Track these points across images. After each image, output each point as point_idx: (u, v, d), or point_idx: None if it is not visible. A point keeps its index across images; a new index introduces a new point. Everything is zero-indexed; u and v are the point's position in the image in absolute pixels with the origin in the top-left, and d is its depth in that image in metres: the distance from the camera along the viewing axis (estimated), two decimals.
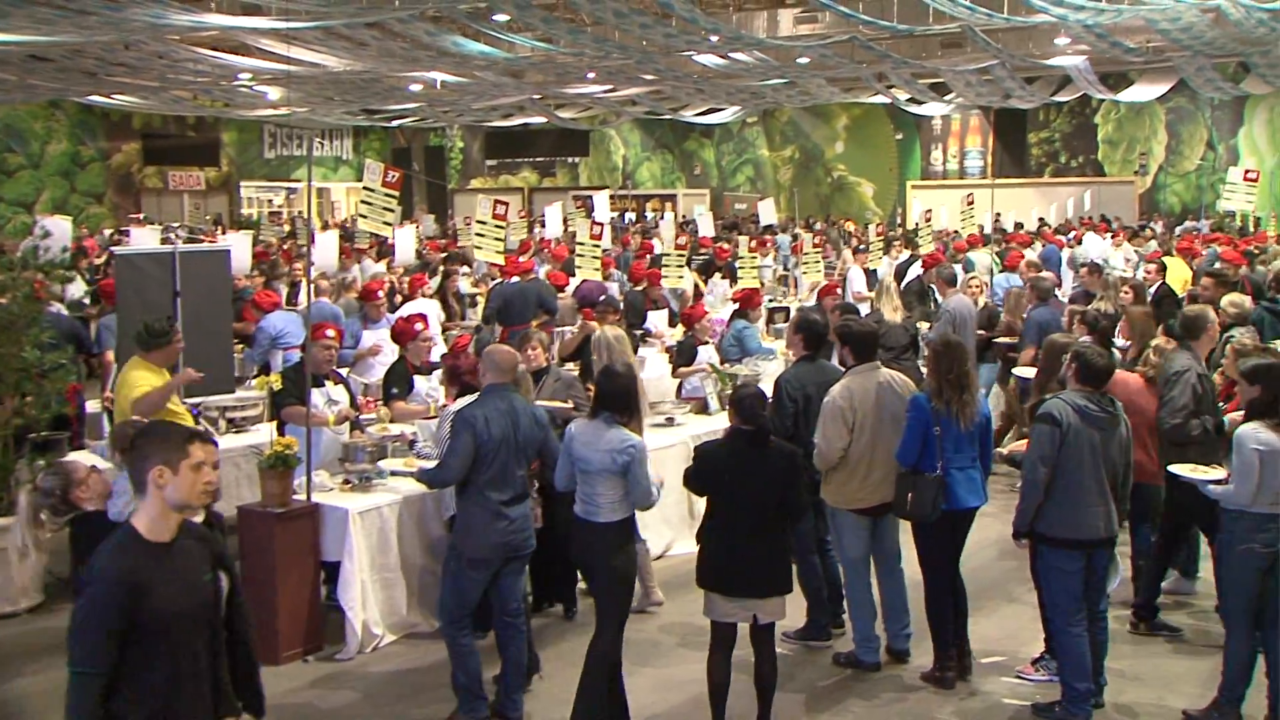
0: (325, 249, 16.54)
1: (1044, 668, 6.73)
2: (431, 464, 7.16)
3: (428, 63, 21.06)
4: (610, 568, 6.09)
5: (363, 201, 10.49)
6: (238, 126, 35.83)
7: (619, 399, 6.16)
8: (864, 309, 15.34)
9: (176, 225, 27.69)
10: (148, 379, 7.49)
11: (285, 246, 21.32)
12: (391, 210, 10.46)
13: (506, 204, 14.12)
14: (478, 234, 14.06)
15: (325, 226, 27.68)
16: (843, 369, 7.30)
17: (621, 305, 12.67)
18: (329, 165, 39.30)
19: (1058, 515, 6.23)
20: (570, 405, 7.70)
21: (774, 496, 6.01)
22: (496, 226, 13.69)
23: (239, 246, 14.74)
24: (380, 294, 11.22)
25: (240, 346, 11.05)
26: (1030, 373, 9.86)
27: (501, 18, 18.49)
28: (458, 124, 38.67)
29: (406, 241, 17.83)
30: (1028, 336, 10.82)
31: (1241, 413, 6.55)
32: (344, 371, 9.34)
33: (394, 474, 7.69)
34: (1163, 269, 13.70)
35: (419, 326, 9.12)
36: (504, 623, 6.48)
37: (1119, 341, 9.51)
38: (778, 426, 6.87)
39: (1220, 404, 7.76)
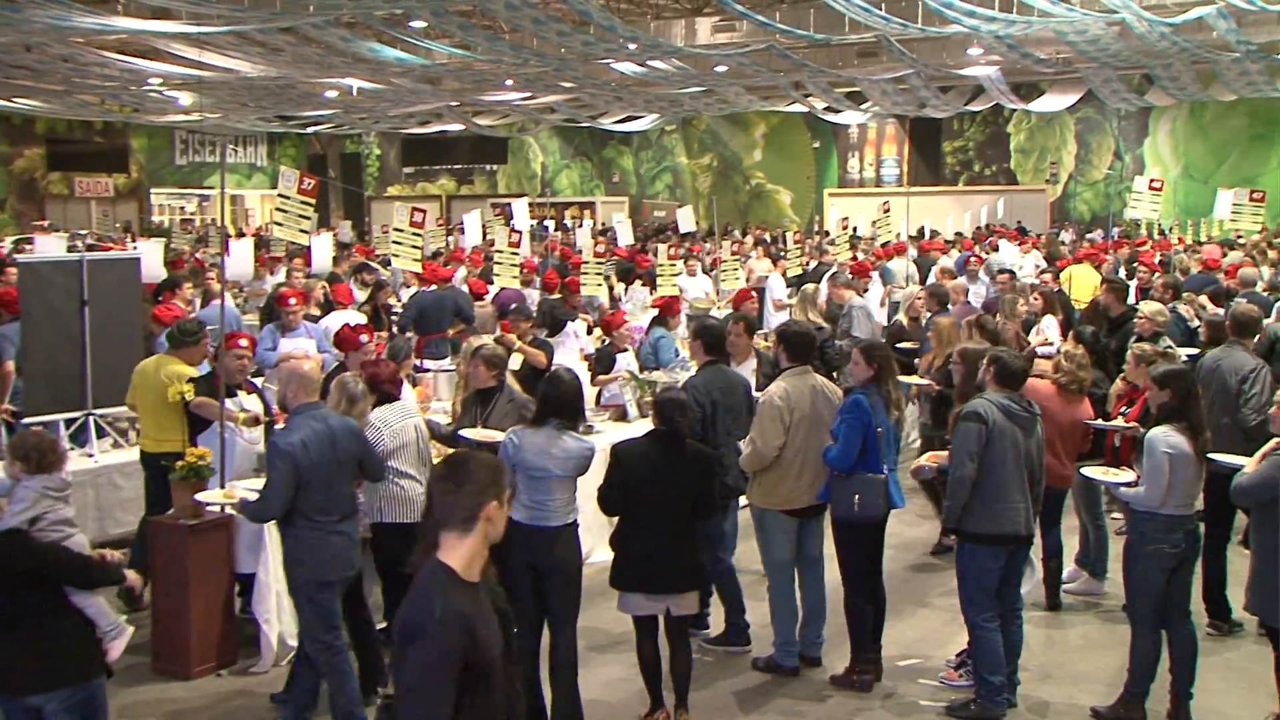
0: (240, 257, 16.27)
1: (968, 674, 6.78)
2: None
3: (344, 69, 20.87)
4: (566, 571, 6.20)
5: (278, 209, 10.37)
6: (147, 132, 35.08)
7: (566, 405, 6.24)
8: (784, 316, 15.50)
9: (84, 233, 27.05)
10: (188, 370, 8.09)
11: (198, 254, 20.93)
12: (307, 218, 10.34)
13: (424, 211, 14.02)
14: (395, 242, 13.93)
15: (240, 234, 27.25)
16: (742, 373, 7.44)
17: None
18: (243, 172, 38.70)
19: (983, 512, 6.33)
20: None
21: (690, 496, 6.17)
22: (414, 234, 13.59)
23: (150, 254, 14.44)
24: (293, 301, 10.98)
25: None
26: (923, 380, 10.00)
27: (418, 24, 18.38)
28: (375, 131, 38.30)
29: (323, 249, 17.60)
30: (927, 344, 10.94)
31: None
32: (258, 381, 9.18)
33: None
34: (1057, 275, 13.98)
35: (364, 337, 8.98)
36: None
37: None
38: (686, 431, 6.89)
39: (1123, 410, 7.94)
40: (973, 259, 16.76)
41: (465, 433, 7.32)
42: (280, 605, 7.19)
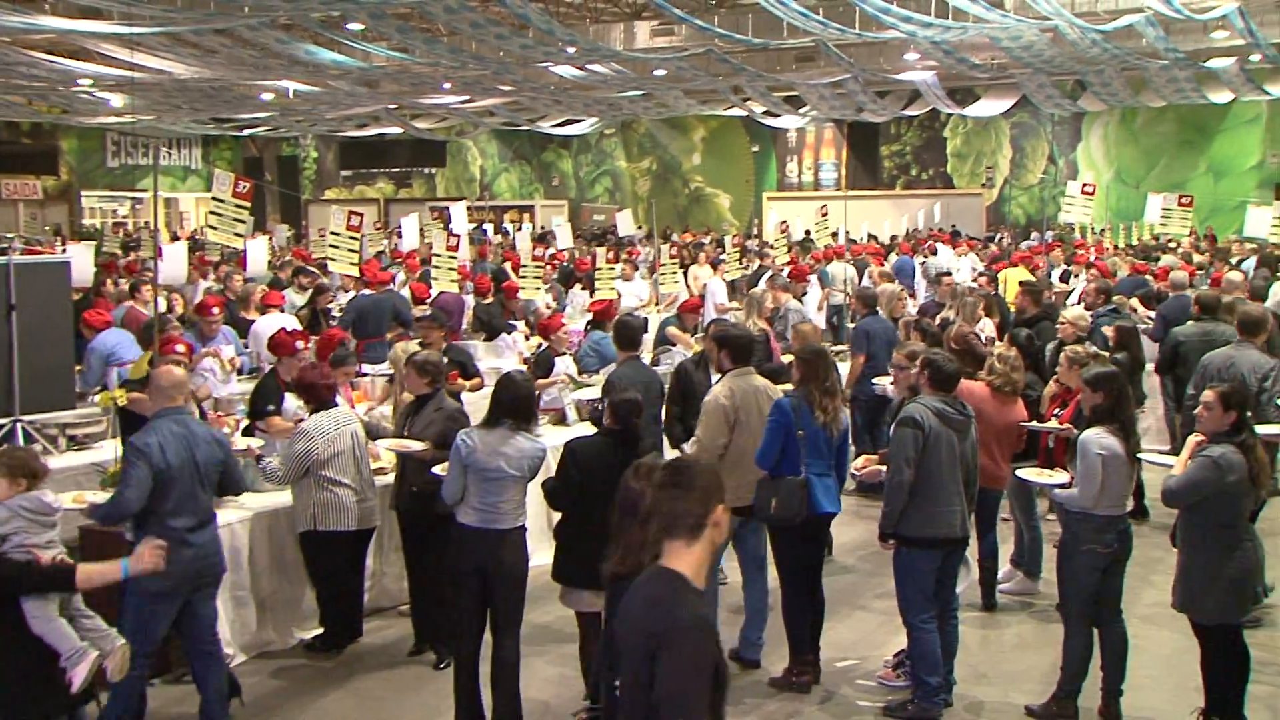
0: (173, 261, 16.03)
1: (905, 674, 6.83)
2: (278, 472, 7.07)
3: (280, 71, 20.65)
4: (514, 574, 6.22)
5: (212, 212, 10.24)
6: (78, 134, 34.48)
7: (519, 406, 6.26)
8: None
9: (11, 236, 26.52)
10: None
11: (130, 259, 20.60)
12: (243, 221, 10.22)
13: (361, 215, 13.91)
14: (331, 245, 13.81)
15: (174, 238, 26.86)
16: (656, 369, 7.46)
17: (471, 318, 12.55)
18: (177, 175, 38.16)
19: (918, 515, 6.37)
20: (426, 449, 7.11)
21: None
22: (351, 238, 13.47)
23: (80, 258, 14.17)
24: (215, 310, 10.83)
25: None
26: (884, 380, 10.09)
27: (355, 27, 18.23)
28: (311, 134, 37.94)
29: (258, 253, 17.40)
30: (855, 346, 11.03)
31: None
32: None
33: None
34: (993, 279, 14.13)
35: (300, 344, 8.87)
36: (200, 653, 6.18)
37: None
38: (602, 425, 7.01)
39: (1056, 411, 8.04)
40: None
41: (379, 443, 7.26)
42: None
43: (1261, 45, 18.40)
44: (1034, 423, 8.01)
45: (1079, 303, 12.12)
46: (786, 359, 9.40)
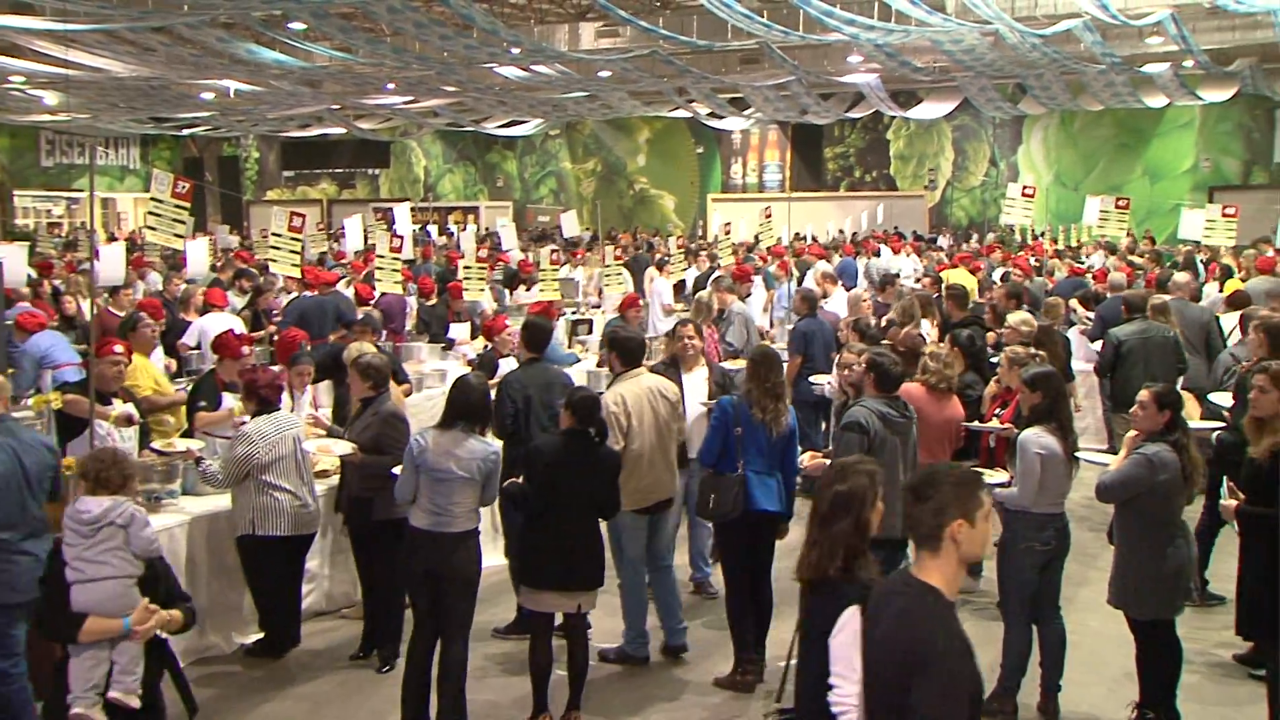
0: (111, 262, 15.80)
1: None
2: (218, 475, 7.07)
3: (220, 70, 20.42)
4: (465, 578, 6.23)
5: (151, 213, 10.09)
6: (10, 132, 33.83)
7: (473, 409, 6.27)
8: (672, 321, 15.54)
9: None
10: None
11: (66, 259, 20.29)
12: (182, 222, 10.09)
13: (303, 216, 13.79)
14: (273, 246, 13.67)
15: (111, 239, 26.46)
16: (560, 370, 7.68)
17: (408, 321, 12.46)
18: (114, 175, 37.60)
19: None
20: (353, 452, 7.13)
21: (600, 494, 6.31)
22: (293, 239, 13.35)
23: (13, 259, 13.95)
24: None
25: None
26: (822, 380, 10.15)
27: (298, 26, 18.08)
28: (253, 134, 37.56)
29: (199, 254, 17.19)
30: (794, 347, 11.09)
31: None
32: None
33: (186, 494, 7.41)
34: (936, 281, 14.25)
35: (246, 349, 8.78)
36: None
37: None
38: (498, 425, 7.18)
39: (997, 411, 8.13)
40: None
41: (307, 444, 7.21)
42: None
43: (1194, 51, 18.73)
44: (975, 422, 8.09)
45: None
46: (736, 364, 9.44)
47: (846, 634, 3.61)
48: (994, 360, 9.86)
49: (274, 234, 13.73)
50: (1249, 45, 20.37)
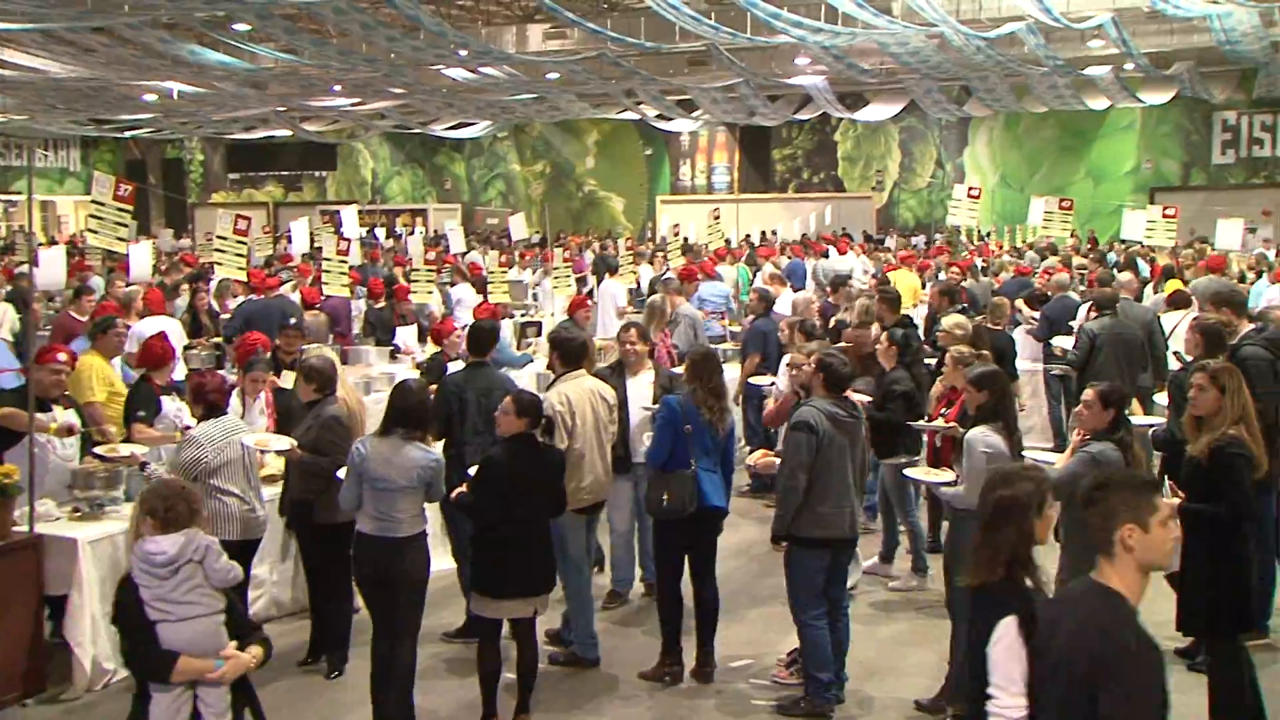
0: (51, 266, 15.54)
1: (799, 672, 6.89)
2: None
3: (163, 72, 20.18)
4: (413, 582, 6.22)
5: (92, 216, 9.97)
6: None
7: (411, 414, 6.24)
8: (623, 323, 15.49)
9: None
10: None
11: (3, 264, 19.94)
12: (124, 225, 9.97)
13: (249, 219, 13.67)
14: (218, 249, 13.52)
15: (51, 242, 26.05)
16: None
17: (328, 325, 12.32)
18: (54, 177, 37.01)
19: (809, 516, 6.44)
20: (292, 448, 7.06)
21: (550, 495, 6.31)
22: (238, 242, 13.22)
23: None
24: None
25: None
26: (764, 380, 10.21)
27: (242, 27, 17.90)
28: (197, 136, 37.13)
29: (142, 257, 16.96)
30: (751, 345, 11.14)
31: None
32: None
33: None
34: (884, 283, 14.32)
35: (163, 352, 8.63)
36: None
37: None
38: (435, 426, 7.08)
39: (943, 411, 8.19)
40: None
41: (244, 438, 7.12)
42: (96, 627, 6.89)
43: (1134, 54, 19.02)
44: (920, 422, 8.16)
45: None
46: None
47: (1005, 644, 3.60)
48: (927, 360, 10.01)
49: (219, 237, 13.59)
50: (1187, 49, 20.75)
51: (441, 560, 7.74)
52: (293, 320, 12.25)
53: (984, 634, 3.72)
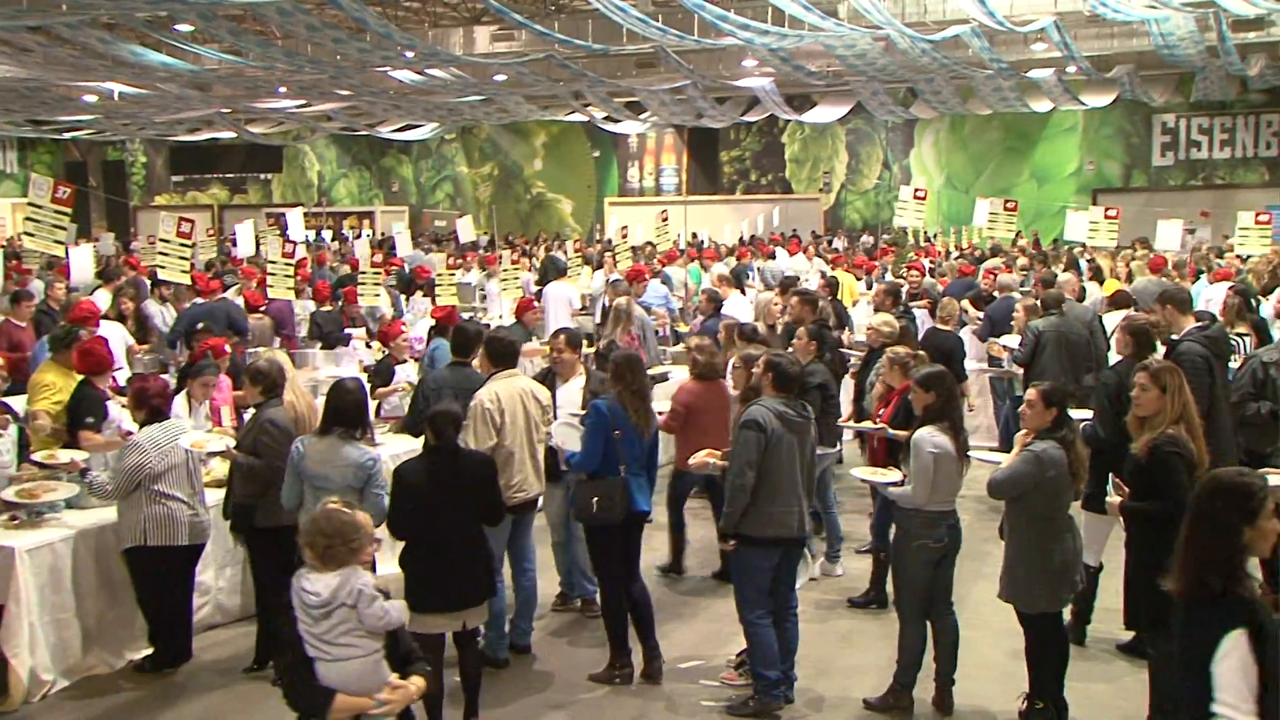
0: None
1: (747, 673, 6.92)
2: (107, 486, 6.92)
3: (103, 73, 19.89)
4: None
5: (29, 219, 9.82)
6: None
7: (347, 414, 6.25)
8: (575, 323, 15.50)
9: None
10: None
11: None
12: (63, 228, 9.82)
13: (192, 221, 13.50)
14: (161, 253, 13.36)
15: None
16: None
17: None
18: None
19: (758, 515, 6.46)
20: (229, 451, 7.02)
21: (476, 505, 6.16)
22: (181, 245, 13.06)
23: None
24: None
25: None
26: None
27: (185, 28, 17.70)
28: (139, 138, 36.65)
29: (83, 261, 16.71)
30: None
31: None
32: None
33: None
34: (831, 283, 14.41)
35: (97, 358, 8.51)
36: None
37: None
38: (411, 424, 7.17)
39: (880, 411, 8.27)
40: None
41: (182, 439, 7.06)
42: (34, 637, 6.78)
43: (1076, 57, 19.27)
44: (852, 423, 8.27)
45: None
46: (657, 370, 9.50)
47: (1235, 659, 3.47)
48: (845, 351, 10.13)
49: (162, 240, 13.42)
50: (1127, 53, 21.06)
51: (389, 564, 7.70)
52: (242, 324, 12.22)
53: (1203, 648, 3.57)
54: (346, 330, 13.68)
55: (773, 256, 21.89)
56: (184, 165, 40.01)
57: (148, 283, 14.84)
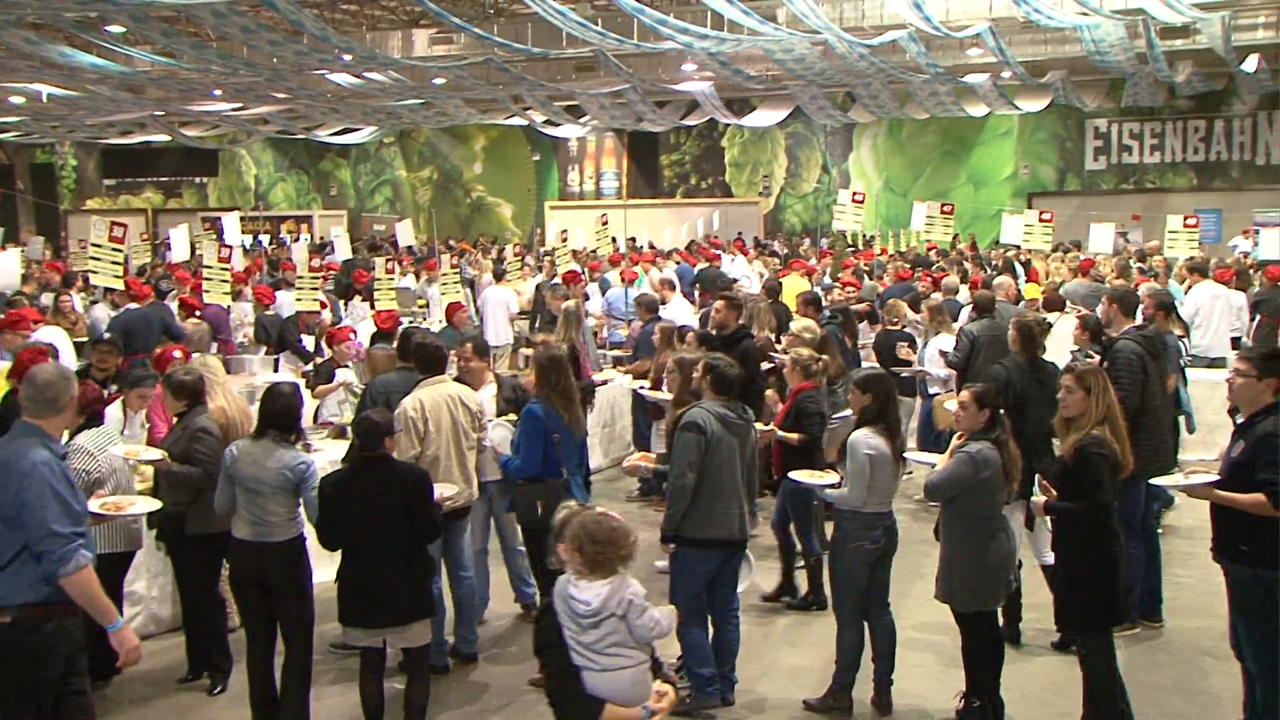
0: None
1: (686, 675, 6.92)
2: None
3: (30, 74, 19.54)
4: (293, 586, 6.15)
5: None
6: None
7: (281, 417, 6.23)
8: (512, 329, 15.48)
9: None
10: None
11: None
12: None
13: (125, 225, 13.34)
14: (92, 258, 13.15)
15: None
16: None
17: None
18: None
19: (698, 517, 6.48)
20: (161, 459, 6.78)
21: (407, 519, 5.99)
22: (114, 249, 12.88)
23: None
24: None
25: None
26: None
27: (116, 29, 17.43)
28: (70, 140, 36.02)
29: (9, 265, 16.41)
30: (640, 350, 11.18)
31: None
32: None
33: None
34: (772, 287, 14.45)
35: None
36: None
37: None
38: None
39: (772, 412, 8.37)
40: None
41: (112, 448, 6.96)
42: None
43: (1010, 63, 19.52)
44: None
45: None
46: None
47: None
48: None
49: (94, 244, 13.22)
50: (1060, 58, 21.38)
51: (327, 570, 7.62)
52: (176, 329, 12.06)
53: None
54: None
55: (714, 260, 21.91)
56: (116, 168, 39.35)
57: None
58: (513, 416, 7.65)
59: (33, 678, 4.80)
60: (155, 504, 6.07)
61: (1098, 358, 7.98)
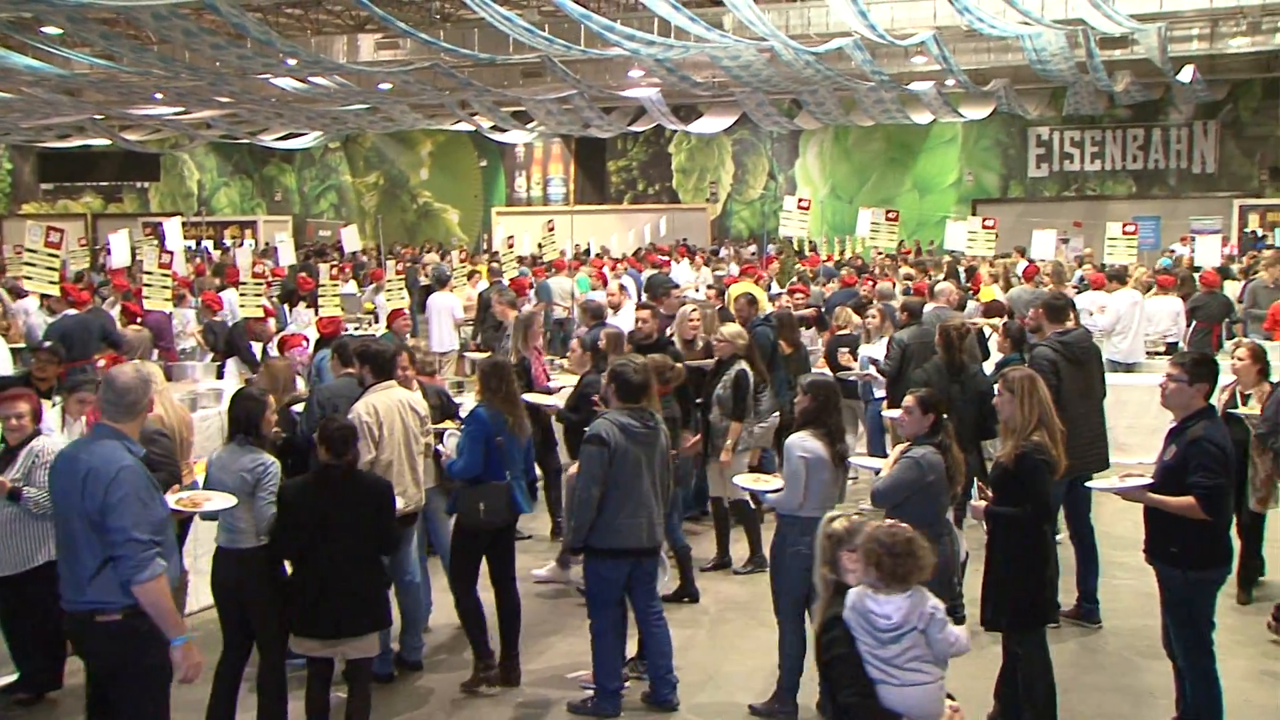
0: None
1: (633, 668, 6.96)
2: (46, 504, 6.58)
3: None
4: (265, 593, 6.05)
5: None
6: None
7: (242, 421, 6.18)
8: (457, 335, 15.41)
9: None
10: None
11: None
12: None
13: (62, 231, 13.10)
14: (27, 264, 12.93)
15: None
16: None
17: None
18: None
19: (606, 528, 6.48)
20: None
21: (369, 529, 5.96)
22: (49, 255, 12.66)
23: None
24: None
25: None
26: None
27: (53, 30, 17.17)
28: (4, 144, 35.42)
29: None
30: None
31: None
32: None
33: None
34: (721, 293, 14.51)
35: None
36: None
37: None
38: (305, 435, 7.11)
39: None
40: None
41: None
42: None
43: (954, 71, 19.71)
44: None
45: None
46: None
47: None
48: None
49: (29, 250, 13.00)
50: (1003, 67, 21.65)
51: None
52: (115, 335, 11.88)
53: None
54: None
55: (661, 266, 21.91)
56: (54, 173, 38.73)
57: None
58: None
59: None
60: (231, 500, 5.94)
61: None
